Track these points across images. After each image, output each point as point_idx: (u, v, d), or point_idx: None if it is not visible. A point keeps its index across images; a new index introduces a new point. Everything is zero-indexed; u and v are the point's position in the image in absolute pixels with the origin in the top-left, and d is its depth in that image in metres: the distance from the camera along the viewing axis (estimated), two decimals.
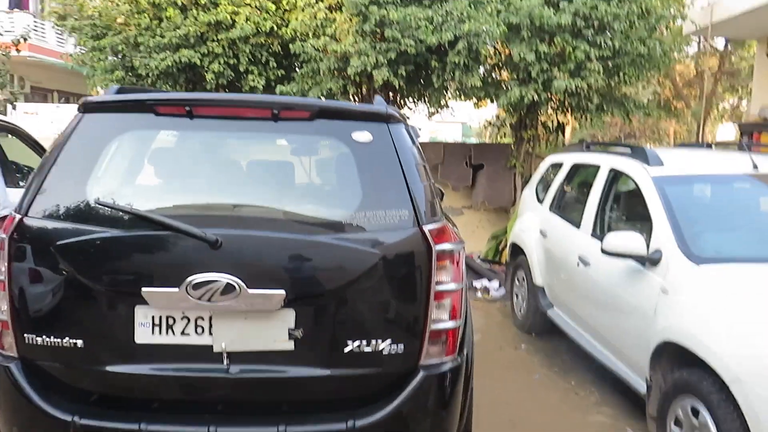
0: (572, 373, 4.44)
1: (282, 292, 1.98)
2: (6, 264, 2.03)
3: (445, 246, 2.14)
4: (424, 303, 2.09)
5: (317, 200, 2.16)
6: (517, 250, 5.67)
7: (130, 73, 6.79)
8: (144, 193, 2.13)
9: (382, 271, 2.05)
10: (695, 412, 2.70)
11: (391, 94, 7.36)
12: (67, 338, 2.01)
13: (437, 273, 2.11)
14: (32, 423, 2.02)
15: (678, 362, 2.91)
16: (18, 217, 2.05)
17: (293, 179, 2.21)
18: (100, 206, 2.02)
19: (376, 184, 2.15)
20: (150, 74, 6.57)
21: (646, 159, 3.80)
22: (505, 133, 8.93)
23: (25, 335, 2.03)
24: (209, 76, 6.46)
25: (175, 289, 1.95)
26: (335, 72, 6.29)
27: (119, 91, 2.28)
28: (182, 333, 2.01)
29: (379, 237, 2.06)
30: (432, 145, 7.80)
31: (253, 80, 6.65)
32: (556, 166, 5.39)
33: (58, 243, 2.00)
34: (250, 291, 1.96)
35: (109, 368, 2.02)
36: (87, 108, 2.19)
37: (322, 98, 6.53)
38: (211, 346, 2.01)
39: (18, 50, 9.42)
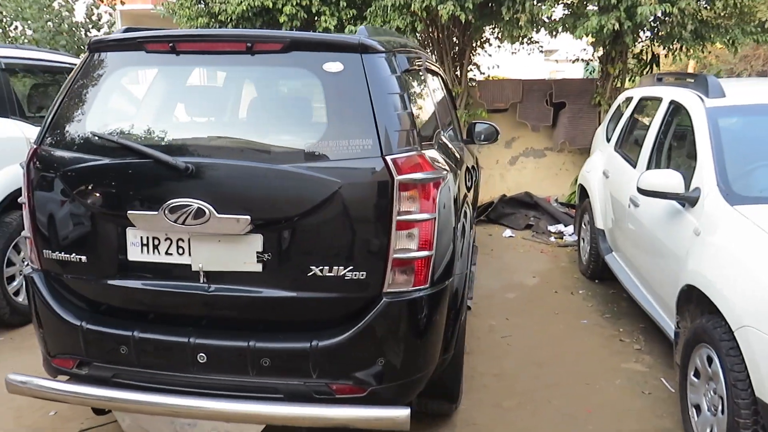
0: (624, 320, 4.26)
1: (247, 217, 2.10)
2: (27, 188, 2.33)
3: (412, 176, 2.14)
4: (386, 232, 2.12)
5: (286, 130, 2.23)
6: (583, 192, 5.41)
7: (213, 20, 7.12)
8: (133, 124, 2.31)
9: (343, 199, 2.09)
10: (710, 362, 2.53)
11: (457, 30, 7.12)
12: (74, 254, 2.28)
13: (401, 203, 2.12)
14: (52, 325, 2.35)
15: (701, 309, 2.72)
16: (34, 147, 2.33)
17: (266, 110, 2.29)
18: (95, 137, 2.23)
19: (343, 114, 2.18)
20: (229, 19, 6.85)
21: (705, 89, 3.44)
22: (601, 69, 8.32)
23: (44, 251, 2.34)
24: (282, 19, 6.61)
25: (155, 213, 2.13)
26: (402, 8, 6.18)
27: (126, 31, 2.45)
28: (166, 253, 2.21)
29: (340, 166, 2.10)
30: (509, 83, 7.47)
31: (326, 21, 6.71)
32: (627, 101, 5.01)
33: (63, 170, 2.25)
34: (219, 215, 2.10)
35: (109, 282, 2.28)
36: (92, 47, 2.39)
37: None
38: (190, 265, 2.19)
39: (123, 2, 10.15)
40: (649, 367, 3.56)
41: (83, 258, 2.28)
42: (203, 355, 2.19)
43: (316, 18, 6.86)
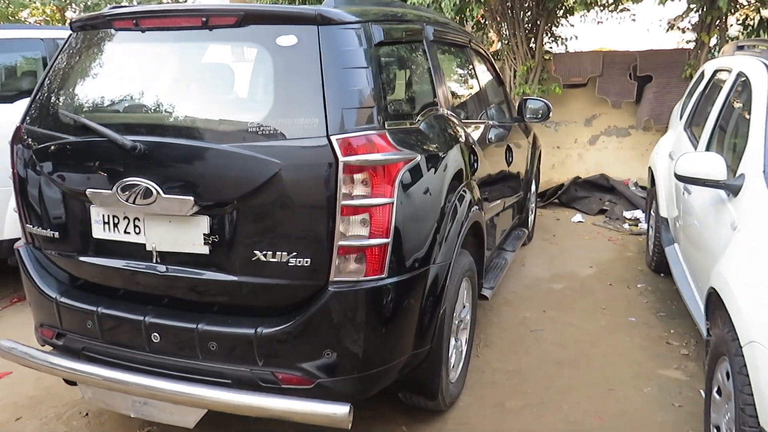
0: (679, 320, 3.80)
1: (191, 198, 2.04)
2: (12, 164, 2.43)
3: (362, 157, 1.97)
4: (331, 218, 1.98)
5: (233, 108, 2.13)
6: (653, 176, 4.88)
7: None
8: (96, 102, 2.32)
9: (285, 181, 1.98)
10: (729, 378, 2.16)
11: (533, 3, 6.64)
12: (48, 230, 2.36)
13: (347, 186, 1.97)
14: (35, 297, 2.45)
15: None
16: (18, 125, 2.42)
17: (217, 87, 2.20)
18: (63, 115, 2.27)
19: (291, 91, 2.05)
20: None
21: None
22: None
23: (26, 225, 2.44)
24: None
25: (110, 192, 2.14)
26: None
27: (114, 9, 2.47)
28: (125, 231, 2.21)
29: (282, 146, 1.98)
30: (588, 55, 6.86)
31: None
32: (702, 75, 4.41)
33: (35, 148, 2.32)
34: (165, 196, 2.07)
35: (79, 258, 2.33)
36: (72, 27, 2.44)
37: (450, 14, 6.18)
38: (145, 245, 2.19)
39: None
40: (690, 375, 3.14)
41: (56, 234, 2.34)
42: (156, 335, 2.18)
43: None
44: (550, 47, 7.37)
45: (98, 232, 2.26)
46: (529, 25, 7.07)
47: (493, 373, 3.20)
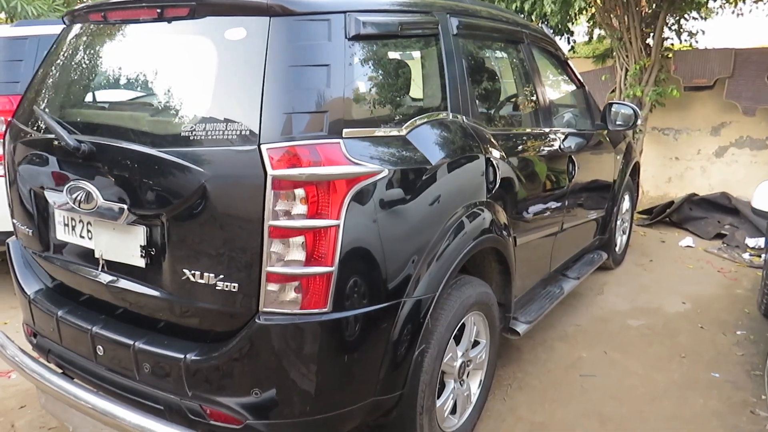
0: None
1: (123, 206, 1.88)
2: (3, 158, 2.44)
3: (295, 171, 1.67)
4: (259, 239, 1.70)
5: (173, 110, 1.90)
6: None
7: None
8: (65, 98, 2.22)
9: (211, 194, 1.73)
10: None
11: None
12: (24, 227, 2.33)
13: (279, 203, 1.67)
14: (18, 293, 2.44)
15: None
16: (9, 119, 2.42)
17: (164, 85, 1.98)
18: (34, 110, 2.21)
19: (230, 92, 1.79)
20: None
21: None
22: None
23: (13, 220, 2.43)
24: None
25: (61, 193, 2.04)
26: None
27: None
28: (80, 236, 2.11)
29: (211, 154, 1.73)
30: (716, 53, 5.85)
31: None
32: None
33: (14, 143, 2.29)
34: (102, 201, 1.92)
35: (50, 256, 2.27)
36: (64, 20, 2.38)
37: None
38: (94, 251, 2.06)
39: None
40: None
41: (30, 231, 2.30)
42: (100, 347, 2.05)
43: None
44: (671, 43, 6.45)
45: (60, 233, 2.18)
46: (648, 17, 6.22)
47: (516, 423, 2.73)
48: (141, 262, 1.93)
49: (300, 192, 1.69)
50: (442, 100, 2.32)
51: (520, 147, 2.83)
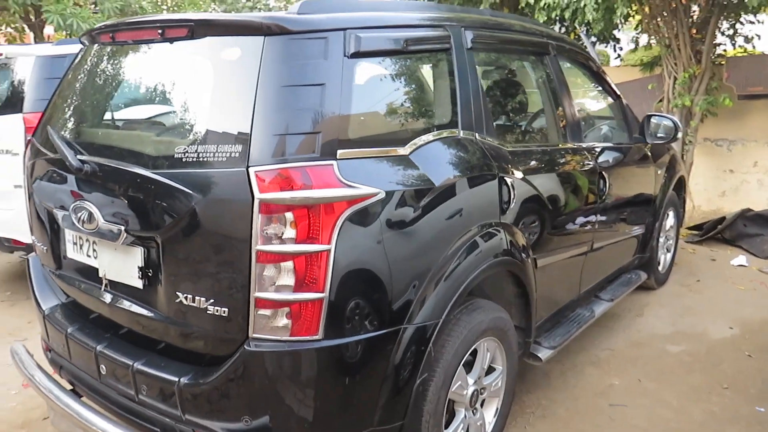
0: None
1: (121, 227, 1.88)
2: (24, 176, 2.50)
3: (283, 195, 1.63)
4: (246, 264, 1.66)
5: (170, 131, 1.89)
6: None
7: None
8: (76, 118, 2.25)
9: (201, 217, 1.70)
10: None
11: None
12: (40, 243, 2.38)
13: (267, 227, 1.63)
14: (36, 306, 2.49)
15: None
16: (29, 138, 2.48)
17: (160, 107, 1.97)
18: (48, 130, 2.26)
19: (223, 113, 1.76)
20: None
21: None
22: None
23: (32, 236, 2.49)
24: None
25: (67, 212, 2.06)
26: None
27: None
28: (87, 254, 2.13)
29: (201, 176, 1.71)
30: (750, 60, 5.48)
31: None
32: None
33: (32, 161, 2.35)
34: (103, 222, 1.93)
35: (62, 273, 2.31)
36: (81, 41, 2.43)
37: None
38: (98, 270, 2.08)
39: None
40: None
41: (45, 248, 2.35)
42: (104, 366, 2.06)
43: None
44: (724, 50, 6.12)
45: (70, 251, 2.21)
46: (698, 22, 5.92)
47: None
48: (139, 283, 1.93)
49: (289, 216, 1.64)
50: (452, 117, 2.24)
51: (542, 164, 2.71)
